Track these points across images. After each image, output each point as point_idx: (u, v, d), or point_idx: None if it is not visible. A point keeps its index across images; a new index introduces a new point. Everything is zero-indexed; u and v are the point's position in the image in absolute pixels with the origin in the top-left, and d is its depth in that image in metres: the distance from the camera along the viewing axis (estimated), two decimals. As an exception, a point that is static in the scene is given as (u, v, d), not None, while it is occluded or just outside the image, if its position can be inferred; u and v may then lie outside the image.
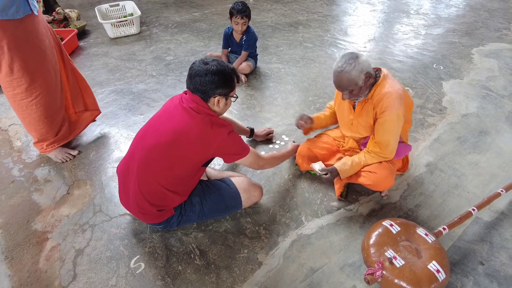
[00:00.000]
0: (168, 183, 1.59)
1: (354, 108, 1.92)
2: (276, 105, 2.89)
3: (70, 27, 4.03)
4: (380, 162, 1.87)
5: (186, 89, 1.59)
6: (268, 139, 2.48)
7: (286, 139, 2.50)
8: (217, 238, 1.82)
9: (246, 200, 1.83)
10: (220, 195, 1.77)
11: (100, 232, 1.85)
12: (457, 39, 4.11)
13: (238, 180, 1.85)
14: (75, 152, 2.33)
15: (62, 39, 3.68)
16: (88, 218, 1.92)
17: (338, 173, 1.88)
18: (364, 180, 1.88)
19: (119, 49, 3.84)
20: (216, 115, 1.57)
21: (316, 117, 2.15)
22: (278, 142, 2.47)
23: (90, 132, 2.56)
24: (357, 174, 1.92)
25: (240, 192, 1.80)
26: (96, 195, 2.05)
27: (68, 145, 2.38)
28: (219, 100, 1.53)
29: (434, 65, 3.52)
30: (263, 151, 2.40)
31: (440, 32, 4.30)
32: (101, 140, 2.50)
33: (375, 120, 1.81)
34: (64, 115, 2.28)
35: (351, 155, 2.02)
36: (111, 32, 4.03)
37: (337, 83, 1.71)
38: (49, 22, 3.92)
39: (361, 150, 2.02)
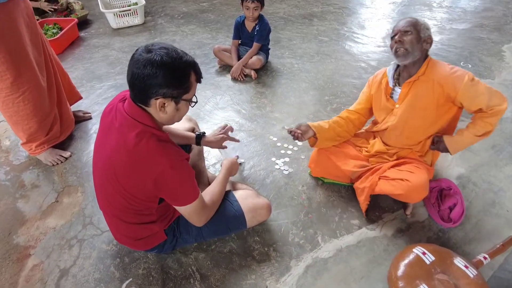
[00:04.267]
0: (133, 218, 1.33)
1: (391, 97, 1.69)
2: (288, 105, 2.64)
3: (71, 16, 3.81)
4: (417, 167, 1.65)
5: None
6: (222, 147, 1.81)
7: (300, 143, 2.25)
8: (220, 260, 1.59)
9: (251, 219, 1.57)
10: (220, 215, 1.51)
11: (89, 248, 1.64)
12: (486, 34, 3.78)
13: (242, 195, 1.59)
14: (67, 154, 2.12)
15: (61, 29, 3.47)
16: (76, 232, 1.71)
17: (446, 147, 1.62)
18: (393, 189, 1.61)
19: (121, 40, 3.61)
20: (156, 128, 1.15)
21: (318, 125, 1.76)
22: (290, 147, 2.22)
23: (85, 131, 2.34)
24: (385, 181, 1.66)
25: (244, 211, 1.54)
26: (87, 205, 1.84)
27: (60, 146, 2.17)
28: (164, 104, 1.12)
29: (461, 63, 3.22)
30: (274, 157, 2.15)
31: (466, 27, 3.97)
32: (96, 140, 2.28)
33: (443, 102, 1.56)
34: (56, 112, 2.07)
35: (377, 162, 1.77)
36: (114, 22, 3.79)
37: (401, 22, 1.55)
38: (50, 11, 3.71)
39: (388, 158, 1.76)
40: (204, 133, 1.75)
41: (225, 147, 1.80)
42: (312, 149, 2.13)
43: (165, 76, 1.06)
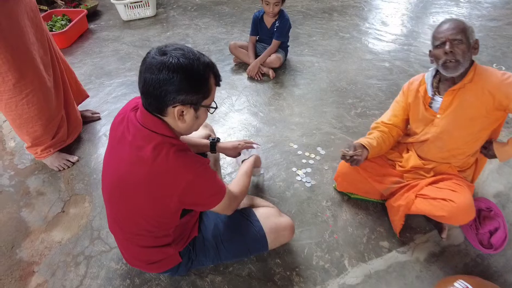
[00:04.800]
0: (147, 241, 1.20)
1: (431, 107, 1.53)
2: (309, 108, 2.47)
3: (80, 7, 3.65)
4: (458, 184, 1.48)
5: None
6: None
7: (323, 152, 2.09)
8: (238, 285, 1.45)
9: (273, 241, 1.43)
10: (240, 237, 1.38)
11: (97, 266, 1.51)
12: (519, 33, 3.54)
13: (263, 214, 1.44)
14: (74, 159, 1.99)
15: (70, 20, 3.32)
16: (83, 247, 1.59)
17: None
18: (434, 209, 1.45)
19: (132, 33, 3.45)
20: (175, 138, 1.04)
21: (370, 144, 1.59)
22: (312, 156, 2.06)
23: (93, 133, 2.21)
24: (423, 200, 1.50)
25: (266, 232, 1.40)
26: (95, 216, 1.71)
27: (67, 149, 2.04)
28: (182, 112, 1.00)
29: (494, 65, 2.99)
30: (295, 167, 1.99)
31: (497, 25, 3.71)
32: (105, 144, 2.14)
33: (492, 110, 1.40)
34: (63, 114, 1.93)
35: (413, 178, 1.61)
36: (124, 14, 3.63)
37: (451, 25, 1.36)
38: (62, 3, 3.56)
39: (424, 174, 1.60)
40: (219, 139, 1.62)
41: (239, 155, 1.67)
42: (337, 160, 1.99)
43: (183, 80, 0.94)
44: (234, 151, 1.63)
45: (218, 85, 1.08)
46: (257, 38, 2.89)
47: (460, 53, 1.33)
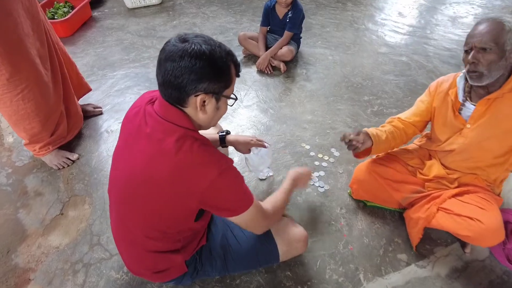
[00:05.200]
0: (157, 245, 1.11)
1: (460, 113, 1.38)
2: (321, 104, 2.33)
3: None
4: (486, 200, 1.35)
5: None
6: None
7: (337, 154, 1.96)
8: (246, 300, 1.36)
9: (285, 253, 1.33)
10: (250, 248, 1.27)
11: (96, 275, 1.42)
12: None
13: (277, 224, 1.33)
14: (74, 157, 1.89)
15: (73, 7, 3.18)
16: (82, 254, 1.50)
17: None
18: (457, 227, 1.33)
19: (137, 22, 3.31)
20: (197, 132, 0.99)
21: (377, 135, 1.45)
22: (326, 158, 1.93)
23: (94, 129, 2.10)
24: (445, 214, 1.38)
25: (278, 244, 1.29)
26: (95, 220, 1.62)
27: (67, 146, 1.94)
28: (204, 102, 0.94)
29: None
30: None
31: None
32: (107, 140, 2.04)
33: None
34: (62, 110, 1.82)
35: (435, 188, 1.48)
36: (129, 1, 3.49)
37: (484, 28, 1.18)
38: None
39: (447, 184, 1.47)
40: (229, 132, 1.53)
41: (249, 152, 1.58)
42: (353, 163, 1.86)
43: (206, 67, 0.90)
44: (246, 147, 1.54)
45: (238, 75, 1.02)
46: (268, 29, 2.73)
47: (485, 64, 1.18)
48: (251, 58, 2.81)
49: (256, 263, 1.32)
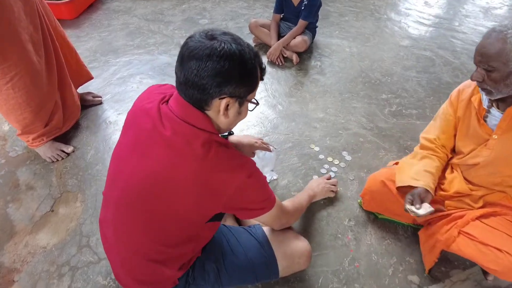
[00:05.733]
0: (153, 253, 1.02)
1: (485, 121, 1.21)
2: (335, 101, 2.16)
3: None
4: None
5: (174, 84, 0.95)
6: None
7: (348, 158, 1.81)
8: (239, 317, 1.26)
9: (285, 269, 1.21)
10: (247, 262, 1.16)
11: (83, 280, 1.34)
12: None
13: (276, 235, 1.22)
14: (69, 149, 1.80)
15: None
16: (69, 256, 1.41)
17: None
18: (482, 258, 1.17)
19: (145, 5, 3.15)
20: (219, 136, 0.93)
21: (433, 185, 1.27)
22: (336, 162, 1.78)
23: (92, 120, 2.00)
24: (468, 240, 1.22)
25: (278, 258, 1.18)
26: (85, 220, 1.53)
27: (63, 137, 1.84)
28: (228, 105, 0.87)
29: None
30: (316, 175, 1.73)
31: None
32: (105, 132, 1.93)
33: None
34: (57, 99, 1.72)
35: (456, 207, 1.33)
36: (138, -19, 3.32)
37: (485, 44, 1.03)
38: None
39: (471, 203, 1.31)
40: (232, 132, 1.41)
41: (253, 155, 1.49)
42: (366, 169, 1.72)
43: (235, 69, 0.83)
44: (250, 149, 1.45)
45: (262, 79, 0.94)
46: (282, 17, 2.55)
47: (490, 83, 1.04)
48: (262, 47, 2.64)
49: (252, 278, 1.21)
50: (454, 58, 2.54)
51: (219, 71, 0.81)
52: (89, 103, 2.05)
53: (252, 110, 0.96)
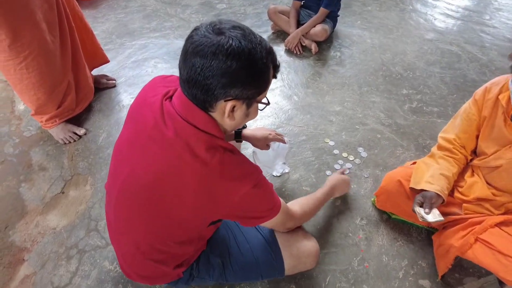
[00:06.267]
0: (153, 252, 0.99)
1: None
2: (353, 94, 2.09)
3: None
4: None
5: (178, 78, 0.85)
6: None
7: (364, 154, 1.75)
8: (243, 311, 1.24)
9: (292, 268, 1.18)
10: (252, 259, 1.14)
11: (89, 264, 1.35)
12: None
13: (285, 234, 1.18)
14: (81, 132, 1.79)
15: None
16: (78, 239, 1.42)
17: None
18: (500, 268, 1.11)
19: (163, -13, 3.10)
20: (224, 141, 0.85)
21: (447, 190, 1.22)
22: (351, 158, 1.73)
23: (105, 103, 1.99)
24: (485, 248, 1.16)
25: (285, 257, 1.15)
26: (94, 203, 1.53)
27: (75, 119, 1.84)
28: (234, 108, 0.79)
29: None
30: (329, 170, 1.68)
31: None
32: (118, 116, 1.92)
33: None
34: (70, 80, 1.71)
35: (475, 212, 1.26)
36: (157, -38, 3.25)
37: None
38: None
39: (491, 209, 1.25)
40: (245, 125, 1.36)
41: (268, 147, 1.41)
42: (381, 167, 1.66)
43: (243, 70, 0.73)
44: (264, 142, 1.38)
45: (275, 77, 0.85)
46: (302, 4, 2.46)
47: None
48: (280, 35, 2.56)
49: (257, 276, 1.18)
50: (482, 54, 2.41)
51: (225, 71, 0.72)
52: (103, 86, 2.03)
53: (262, 109, 0.87)
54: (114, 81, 2.08)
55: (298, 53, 2.38)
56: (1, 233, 1.44)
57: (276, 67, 0.83)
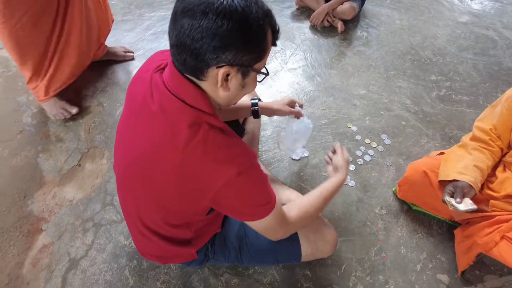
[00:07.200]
0: (156, 234, 0.96)
1: None
2: (379, 78, 1.99)
3: None
4: None
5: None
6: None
7: (388, 141, 1.68)
8: (257, 294, 1.24)
9: (308, 255, 1.15)
10: (269, 244, 1.10)
11: (105, 238, 1.36)
12: None
13: None
14: (74, 110, 1.72)
15: None
16: (94, 212, 1.42)
17: None
18: None
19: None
20: (213, 115, 0.76)
21: (479, 182, 1.15)
22: (374, 145, 1.67)
23: (123, 77, 1.94)
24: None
25: (302, 244, 1.12)
26: (110, 178, 1.52)
27: (92, 92, 1.79)
28: (228, 75, 0.71)
29: None
30: (350, 157, 1.63)
31: None
32: (135, 90, 1.89)
33: None
34: (55, 45, 1.58)
35: (503, 209, 1.20)
36: None
37: None
38: None
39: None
40: (260, 99, 1.27)
41: (297, 113, 1.27)
42: (404, 155, 1.60)
43: (237, 30, 0.65)
44: (284, 108, 1.25)
45: (275, 44, 0.76)
46: (329, -21, 2.33)
47: None
48: (305, 11, 2.45)
49: (273, 260, 1.16)
50: (520, 42, 2.26)
51: (216, 32, 0.64)
52: (120, 58, 1.98)
53: (261, 81, 0.80)
54: (132, 54, 2.02)
55: (323, 25, 2.28)
56: (20, 202, 1.45)
57: (275, 32, 0.74)
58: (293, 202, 0.99)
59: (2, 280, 1.25)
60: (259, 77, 0.79)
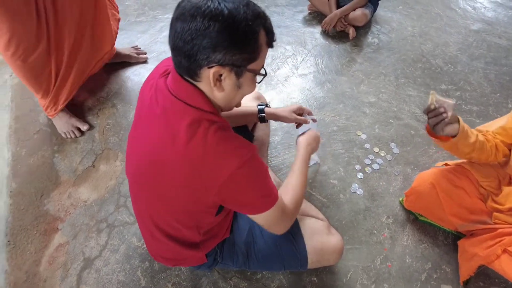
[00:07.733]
0: (166, 236, 1.00)
1: None
2: (389, 85, 2.01)
3: None
4: None
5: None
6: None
7: (396, 150, 1.70)
8: (264, 299, 1.28)
9: (315, 263, 1.18)
10: (276, 250, 1.14)
11: (118, 239, 1.40)
12: None
13: (309, 228, 1.18)
14: (85, 127, 1.71)
15: None
16: (108, 213, 1.47)
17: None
18: None
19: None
20: (214, 113, 0.80)
21: (467, 131, 1.10)
22: (382, 153, 1.69)
23: (135, 79, 1.98)
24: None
25: (309, 252, 1.15)
26: (124, 179, 1.57)
27: (106, 95, 1.83)
28: (220, 76, 0.75)
29: None
30: (359, 165, 1.65)
31: None
32: (148, 92, 1.92)
33: None
34: (57, 62, 1.57)
35: (506, 222, 1.21)
36: None
37: None
38: None
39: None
40: (268, 104, 1.30)
41: (303, 120, 1.27)
42: (412, 165, 1.61)
43: (223, 31, 0.69)
44: (290, 115, 1.26)
45: (271, 46, 0.79)
46: (343, -16, 2.34)
47: None
48: (317, 16, 2.46)
49: (280, 266, 1.20)
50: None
51: (204, 33, 0.68)
52: (134, 60, 2.02)
53: (259, 82, 0.82)
54: (145, 56, 2.06)
55: (335, 30, 2.29)
56: (37, 201, 1.50)
57: (269, 34, 0.77)
58: (283, 187, 1.03)
59: (20, 276, 1.31)
60: (258, 78, 0.81)
